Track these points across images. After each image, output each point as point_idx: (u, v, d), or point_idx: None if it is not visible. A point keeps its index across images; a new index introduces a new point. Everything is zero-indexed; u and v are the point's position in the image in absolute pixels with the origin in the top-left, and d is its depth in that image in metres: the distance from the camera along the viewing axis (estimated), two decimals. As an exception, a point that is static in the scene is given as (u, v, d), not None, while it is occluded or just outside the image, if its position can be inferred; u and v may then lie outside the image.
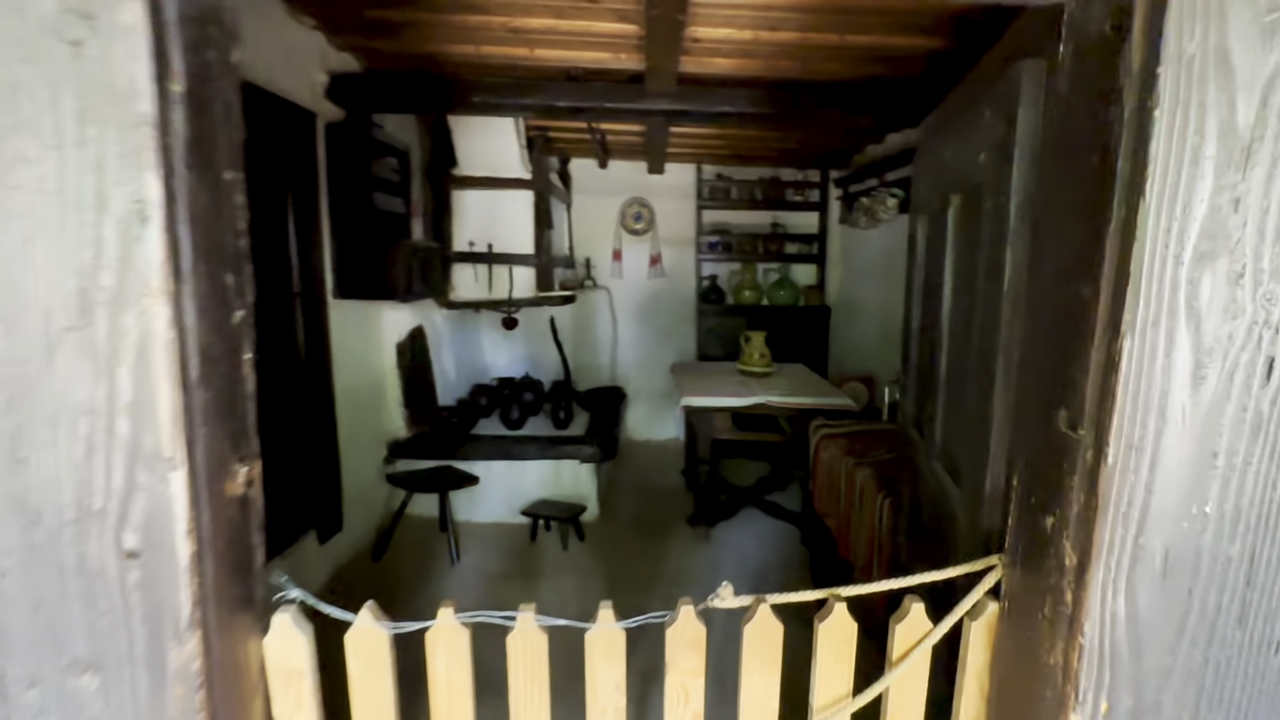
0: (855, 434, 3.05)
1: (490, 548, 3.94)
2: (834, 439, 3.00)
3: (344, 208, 3.36)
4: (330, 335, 3.38)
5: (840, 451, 2.86)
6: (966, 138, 1.13)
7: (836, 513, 2.85)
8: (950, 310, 1.27)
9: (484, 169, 4.53)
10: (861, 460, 2.71)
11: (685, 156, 5.71)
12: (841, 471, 2.78)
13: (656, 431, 6.25)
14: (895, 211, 4.49)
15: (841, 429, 3.09)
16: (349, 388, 3.64)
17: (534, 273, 4.71)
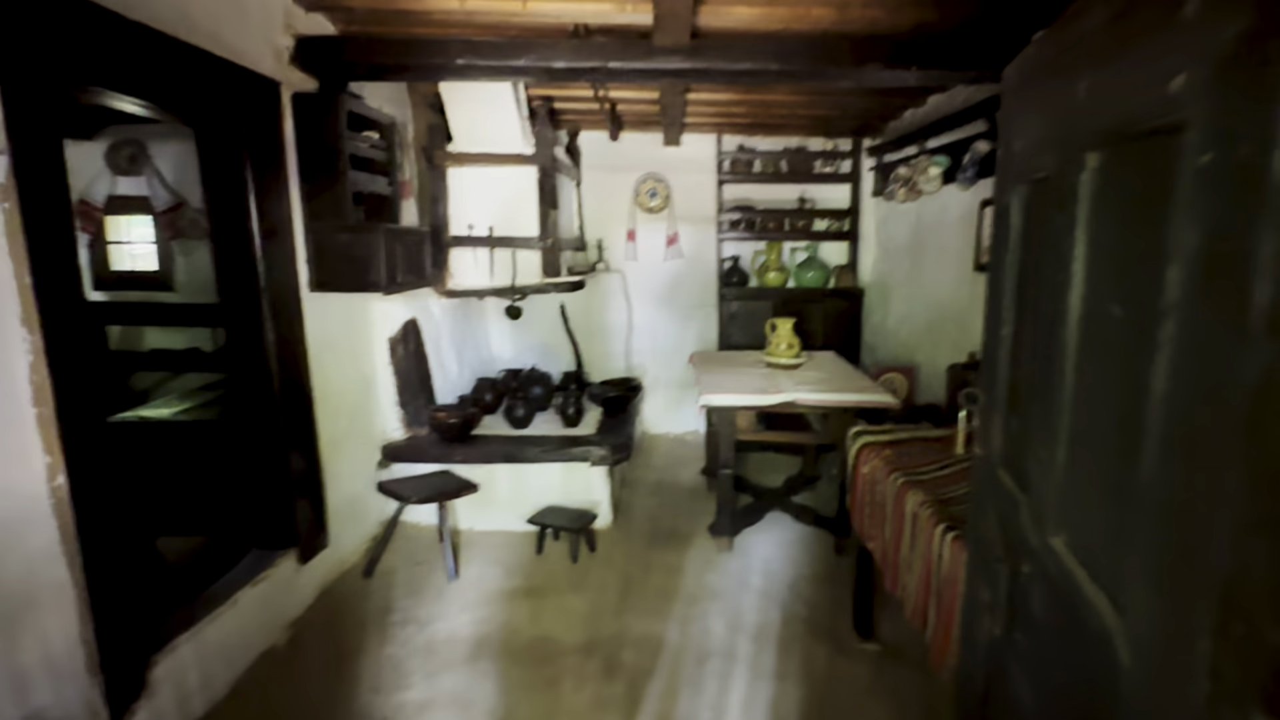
0: (901, 443, 2.63)
1: (493, 560, 3.61)
2: (876, 449, 2.59)
3: (317, 190, 2.99)
4: (306, 333, 3.03)
5: (885, 466, 2.44)
6: (1137, 59, 0.71)
7: (881, 538, 2.44)
8: (1087, 324, 0.85)
9: (481, 144, 4.14)
10: (912, 479, 2.29)
11: (704, 127, 5.25)
12: (888, 491, 2.36)
13: (675, 424, 5.87)
14: (939, 182, 4.02)
15: (885, 436, 2.67)
16: (333, 390, 3.31)
17: (540, 256, 4.33)
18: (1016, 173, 1.20)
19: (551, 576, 3.47)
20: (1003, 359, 1.27)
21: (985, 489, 1.35)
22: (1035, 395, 1.08)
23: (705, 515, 4.16)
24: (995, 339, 1.32)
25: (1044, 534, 1.02)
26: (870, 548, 2.57)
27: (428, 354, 4.12)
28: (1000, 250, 1.31)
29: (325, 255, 3.05)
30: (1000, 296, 1.29)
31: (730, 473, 3.65)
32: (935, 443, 2.62)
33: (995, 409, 1.30)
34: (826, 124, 5.14)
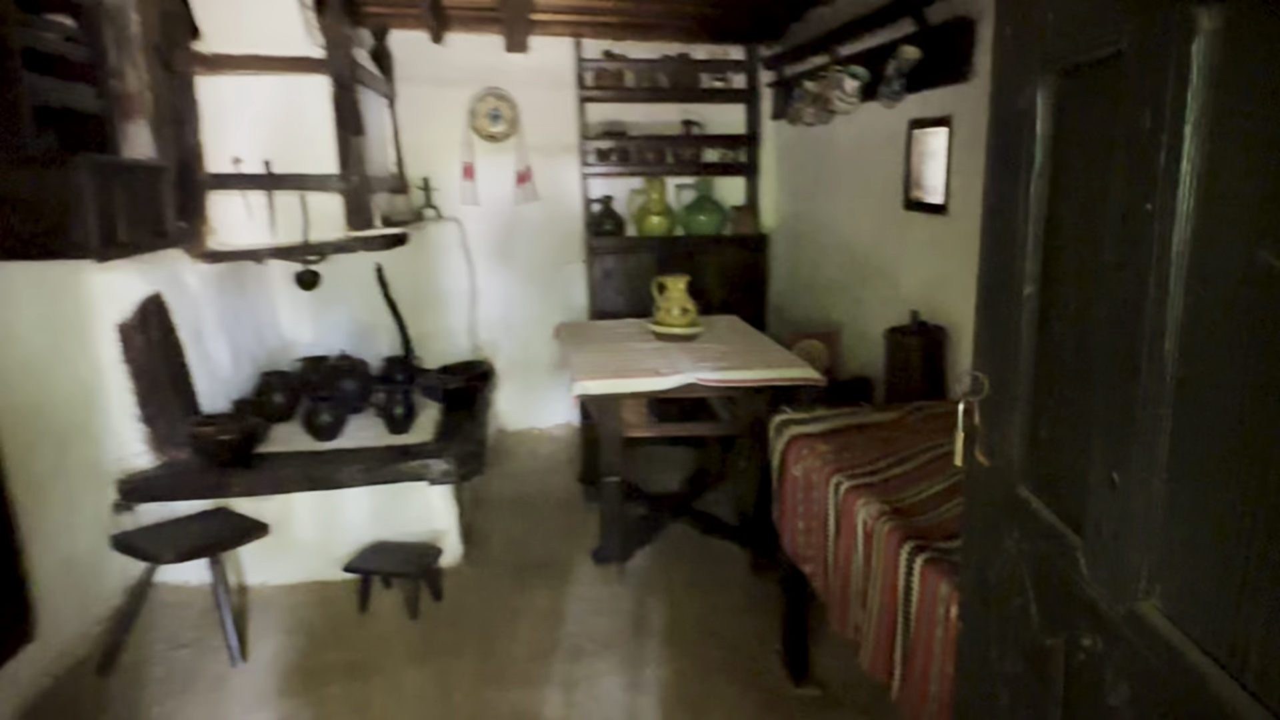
0: (840, 433, 2.49)
1: (296, 627, 3.19)
2: (809, 442, 2.43)
3: (-27, 103, 2.38)
4: (-28, 324, 2.44)
5: (823, 464, 2.29)
6: None
7: (821, 560, 2.30)
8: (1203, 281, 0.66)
9: (246, 42, 3.60)
10: (861, 481, 2.15)
11: (558, 27, 4.91)
12: (830, 498, 2.21)
13: (539, 416, 5.57)
14: (858, 99, 3.93)
15: (819, 425, 2.53)
16: (26, 405, 2.74)
17: (341, 202, 3.86)
18: (1043, 58, 1.00)
19: (382, 642, 3.10)
20: (1023, 332, 1.08)
21: (998, 515, 1.18)
22: (1096, 388, 0.89)
23: (586, 535, 3.92)
24: (1005, 303, 1.13)
25: (1124, 595, 0.83)
26: (807, 572, 2.43)
27: (183, 343, 3.55)
28: (1007, 176, 1.12)
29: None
30: (1012, 242, 1.10)
31: (617, 480, 3.42)
32: (882, 429, 2.51)
33: (1011, 404, 1.12)
34: (713, 25, 4.95)
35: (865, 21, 3.88)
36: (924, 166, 3.57)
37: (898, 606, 1.84)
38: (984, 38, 3.08)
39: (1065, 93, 0.98)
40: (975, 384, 1.20)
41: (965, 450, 1.24)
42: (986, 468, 1.21)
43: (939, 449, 2.30)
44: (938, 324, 3.26)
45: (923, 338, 3.16)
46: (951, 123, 3.32)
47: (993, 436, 1.19)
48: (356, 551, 3.45)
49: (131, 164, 2.87)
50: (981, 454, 1.22)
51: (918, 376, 3.13)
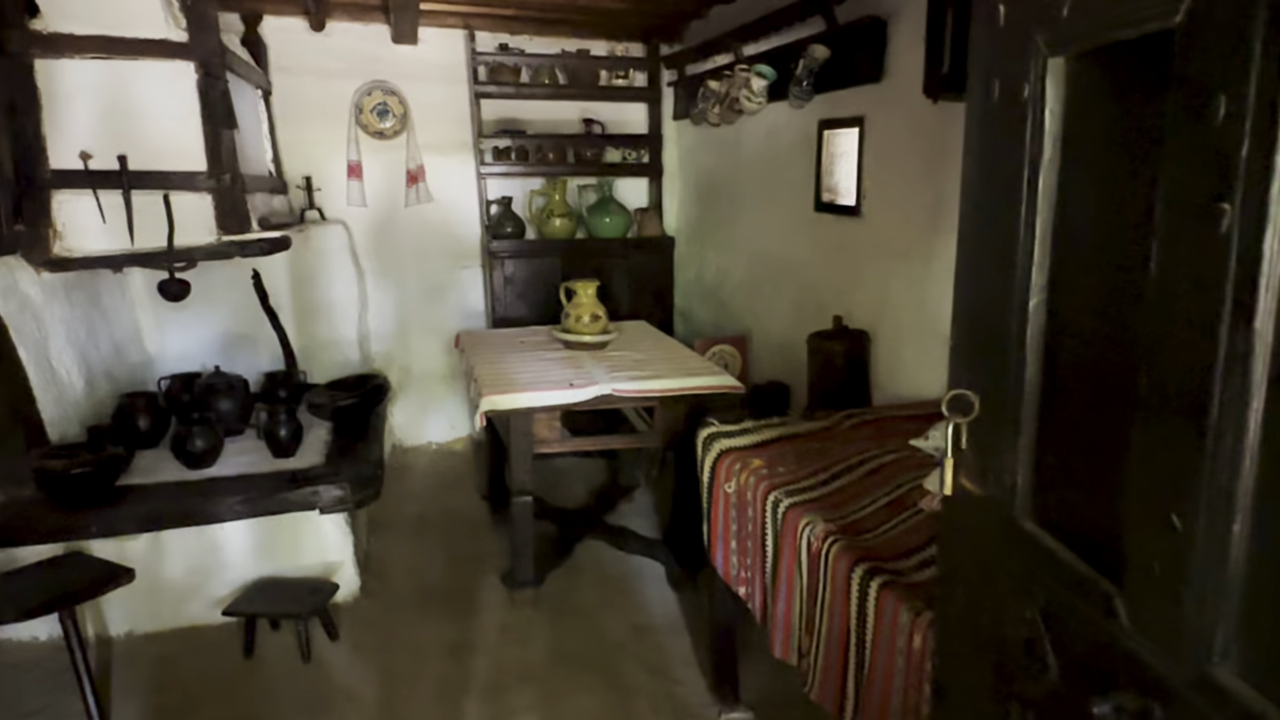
0: (770, 444, 2.38)
1: (169, 683, 2.84)
2: (740, 456, 2.31)
3: None
4: None
5: (757, 480, 2.17)
6: None
7: (759, 583, 2.18)
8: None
9: (94, 22, 3.21)
10: (802, 499, 2.04)
11: (448, 18, 4.65)
12: (767, 518, 2.09)
13: (437, 430, 5.29)
14: (765, 98, 3.86)
15: (749, 438, 2.41)
16: None
17: (212, 203, 3.49)
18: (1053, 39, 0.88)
19: (270, 692, 2.81)
20: (1027, 348, 0.97)
21: (992, 549, 1.07)
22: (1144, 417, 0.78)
23: (493, 557, 3.71)
24: (998, 315, 1.02)
25: (1191, 656, 0.72)
26: (741, 594, 2.30)
27: (23, 364, 3.10)
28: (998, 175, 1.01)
29: None
30: (1008, 248, 0.99)
31: (529, 500, 3.22)
32: (813, 440, 2.41)
33: (1011, 427, 1.01)
34: (611, 21, 4.81)
35: (772, 19, 3.81)
36: (835, 168, 3.53)
37: (850, 633, 1.73)
38: (897, 38, 3.05)
39: (1083, 78, 0.87)
40: (962, 402, 1.09)
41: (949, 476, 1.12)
42: (976, 496, 1.10)
43: (876, 459, 2.22)
44: (858, 328, 3.22)
45: (845, 342, 3.11)
46: (863, 123, 3.28)
47: (985, 461, 1.08)
48: (238, 592, 3.12)
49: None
50: (969, 480, 1.11)
51: (842, 383, 3.07)
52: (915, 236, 3.03)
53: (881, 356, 3.18)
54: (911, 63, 2.90)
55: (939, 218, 2.89)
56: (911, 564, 1.71)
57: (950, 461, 1.10)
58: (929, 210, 2.95)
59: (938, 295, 2.91)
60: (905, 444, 2.26)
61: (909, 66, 2.94)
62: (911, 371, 3.04)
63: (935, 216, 2.91)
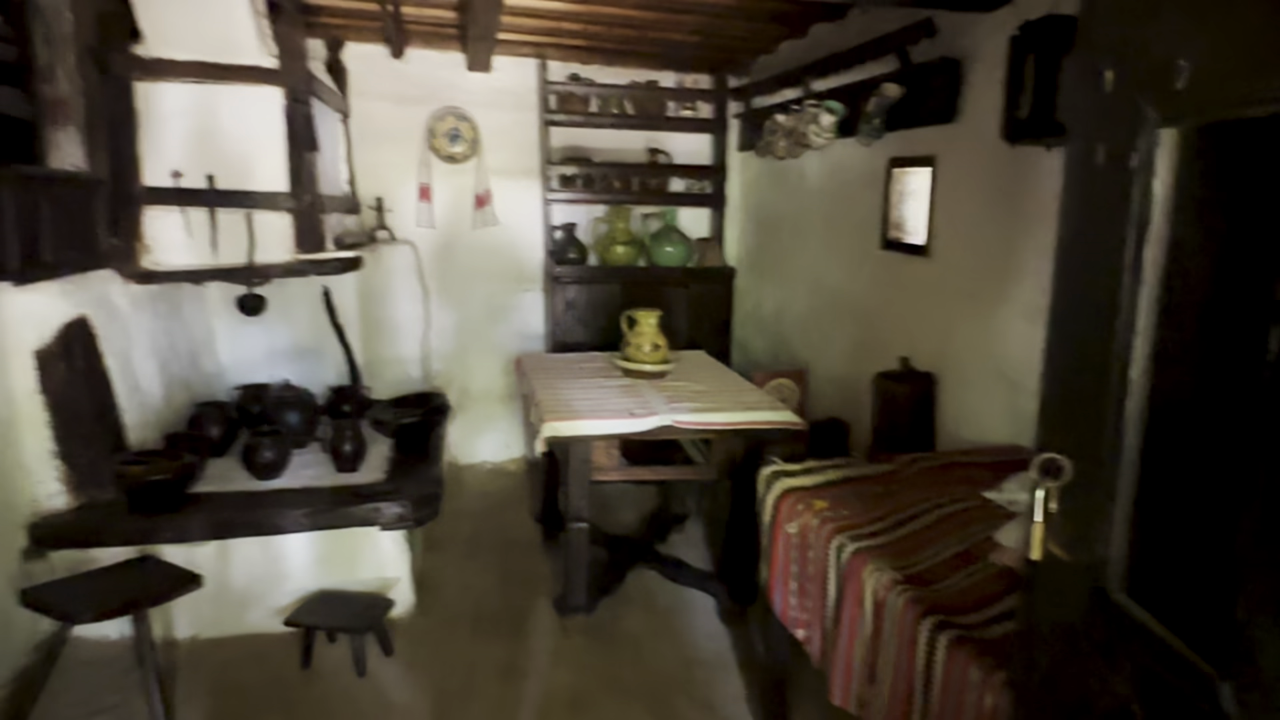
0: (835, 485, 2.36)
1: (230, 689, 2.91)
2: (803, 497, 2.30)
3: (-122, 102, 2.10)
4: None
5: (821, 523, 2.16)
6: None
7: (818, 627, 2.15)
8: None
9: (192, 48, 3.37)
10: (867, 545, 2.02)
11: (523, 48, 4.76)
12: (830, 562, 2.07)
13: (492, 450, 5.35)
14: (833, 134, 3.87)
15: (813, 478, 2.40)
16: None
17: (290, 221, 3.63)
18: (1168, 110, 0.88)
19: (326, 704, 2.85)
20: (1127, 418, 0.95)
21: (1077, 618, 1.05)
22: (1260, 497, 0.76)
23: (544, 580, 3.73)
24: (1094, 381, 1.01)
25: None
26: (800, 637, 2.28)
27: (109, 372, 3.24)
28: (1099, 240, 1.00)
29: (-101, 217, 2.17)
30: (1107, 315, 0.98)
31: (585, 527, 3.23)
32: (878, 483, 2.39)
33: (1106, 496, 0.99)
34: (681, 54, 4.87)
35: (843, 57, 3.84)
36: (903, 206, 3.51)
37: (915, 687, 1.70)
38: (973, 79, 3.04)
39: (1198, 150, 0.86)
40: (1053, 466, 1.07)
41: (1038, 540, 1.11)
42: (1063, 561, 1.08)
43: (944, 507, 2.19)
44: (926, 370, 3.18)
45: (911, 384, 3.08)
46: (935, 163, 3.27)
47: (1075, 528, 1.06)
48: (299, 602, 3.18)
49: (61, 176, 2.60)
50: (1057, 545, 1.09)
51: (907, 425, 3.03)
52: (985, 279, 3.00)
53: (947, 399, 3.14)
54: (988, 105, 2.89)
55: (1010, 261, 2.86)
56: (982, 619, 1.67)
57: (1038, 525, 1.09)
58: (1000, 253, 2.92)
59: (1007, 340, 2.87)
60: (975, 493, 2.22)
61: (985, 108, 2.93)
62: (978, 416, 3.00)
63: (1006, 260, 2.88)
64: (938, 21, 3.19)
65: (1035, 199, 2.73)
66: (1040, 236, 2.71)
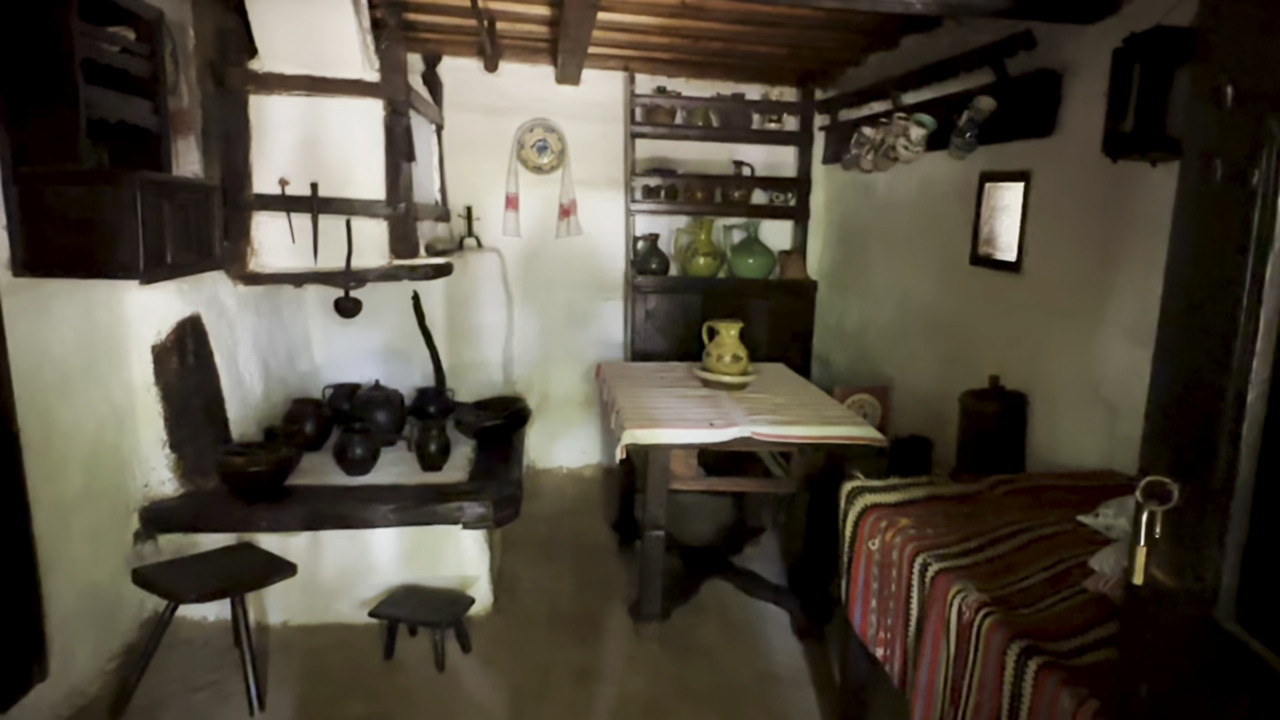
0: (918, 504, 2.33)
1: (318, 673, 3.03)
2: (886, 514, 2.27)
3: (28, 113, 2.29)
4: (8, 343, 2.33)
5: (904, 541, 2.12)
6: None
7: (899, 645, 2.12)
8: None
9: (302, 63, 3.52)
10: (951, 565, 1.98)
11: (610, 61, 4.84)
12: (913, 581, 2.04)
13: (569, 455, 5.43)
14: (922, 147, 3.81)
15: (895, 495, 2.36)
16: (58, 429, 2.62)
17: (386, 228, 3.77)
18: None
19: (406, 695, 2.94)
20: (1243, 442, 0.93)
21: (1184, 644, 1.01)
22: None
23: (619, 586, 3.77)
24: (1207, 403, 0.98)
25: None
26: (879, 656, 2.25)
27: (217, 367, 3.43)
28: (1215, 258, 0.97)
29: (42, 219, 2.36)
30: (1225, 335, 0.95)
31: (661, 535, 3.25)
32: (963, 503, 2.34)
33: (1218, 521, 0.96)
34: (768, 67, 4.88)
35: (935, 69, 3.78)
36: (995, 221, 3.43)
37: (1001, 713, 1.66)
38: (1073, 92, 2.95)
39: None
40: (1159, 489, 1.05)
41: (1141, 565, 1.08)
42: (1169, 588, 1.05)
43: (1033, 530, 2.13)
44: (1017, 390, 3.10)
45: (1001, 403, 3.00)
46: (1030, 178, 3.18)
47: (1183, 554, 1.03)
48: (383, 595, 3.29)
49: (182, 183, 2.78)
50: (1162, 571, 1.06)
51: (995, 446, 2.96)
52: (1080, 297, 2.90)
53: (1038, 420, 3.05)
54: (1088, 119, 2.81)
55: (1108, 280, 2.77)
56: (1074, 646, 1.62)
57: (1142, 549, 1.06)
58: (1097, 271, 2.82)
59: (1104, 361, 2.78)
60: (1067, 517, 2.15)
61: (1085, 122, 2.84)
62: (1070, 439, 2.90)
63: (1104, 278, 2.79)
64: (1036, 33, 3.12)
65: (1137, 215, 2.63)
66: (1142, 254, 2.61)
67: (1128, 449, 2.59)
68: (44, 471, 2.53)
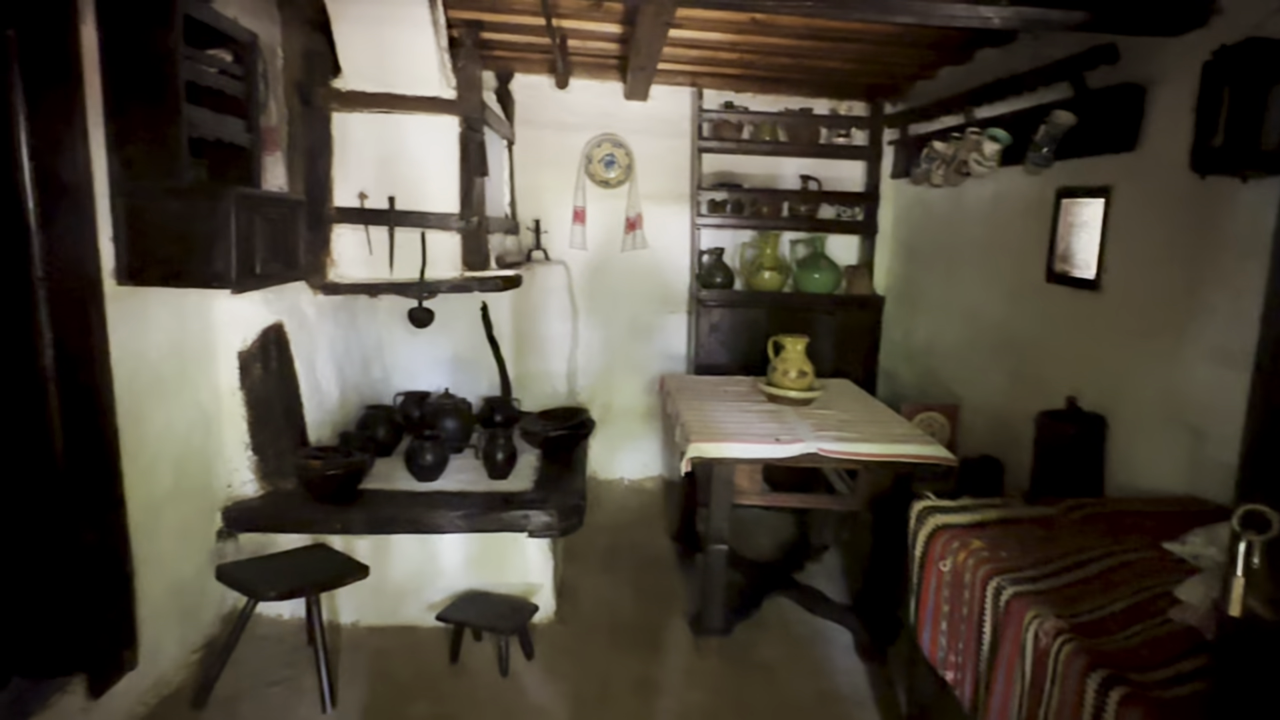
0: (991, 525, 2.28)
1: (386, 674, 3.10)
2: (958, 536, 2.23)
3: (134, 132, 2.43)
4: (111, 347, 2.46)
5: (977, 563, 2.08)
6: None
7: (971, 670, 2.08)
8: None
9: (383, 81, 3.65)
10: (1027, 589, 1.93)
11: (679, 76, 4.88)
12: (987, 605, 2.00)
13: (630, 467, 5.45)
14: (995, 162, 3.74)
15: (968, 516, 2.32)
16: (152, 431, 2.76)
17: (459, 241, 3.86)
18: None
19: (471, 699, 2.99)
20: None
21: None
22: None
23: (680, 599, 3.77)
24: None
25: None
26: (949, 680, 2.21)
27: (297, 374, 3.56)
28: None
29: (145, 231, 2.50)
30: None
31: (724, 549, 3.24)
32: (1038, 527, 2.28)
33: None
34: (836, 81, 4.85)
35: (1010, 83, 3.71)
36: (1072, 238, 3.34)
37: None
38: (1158, 106, 2.87)
39: None
40: (1258, 518, 1.01)
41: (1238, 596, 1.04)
42: (1269, 621, 1.01)
43: (1114, 556, 2.07)
44: (1094, 411, 3.01)
45: (1078, 425, 2.92)
46: (1110, 193, 3.10)
47: None
48: (449, 600, 3.36)
49: (272, 197, 2.91)
50: (1262, 603, 1.03)
51: (1071, 469, 2.88)
52: (1163, 316, 2.81)
53: (1117, 443, 2.95)
54: (1173, 133, 2.73)
55: (1194, 299, 2.67)
56: (1159, 678, 1.57)
57: (1239, 580, 1.02)
58: (1182, 290, 2.73)
59: (1189, 384, 2.68)
60: (1150, 544, 2.08)
61: (1170, 137, 2.76)
62: (1152, 463, 2.80)
63: (1190, 298, 2.69)
64: (1119, 46, 3.04)
65: (1226, 233, 2.54)
66: (1230, 273, 2.52)
67: (1214, 475, 2.50)
68: (138, 471, 2.66)
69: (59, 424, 2.30)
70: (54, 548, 2.37)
